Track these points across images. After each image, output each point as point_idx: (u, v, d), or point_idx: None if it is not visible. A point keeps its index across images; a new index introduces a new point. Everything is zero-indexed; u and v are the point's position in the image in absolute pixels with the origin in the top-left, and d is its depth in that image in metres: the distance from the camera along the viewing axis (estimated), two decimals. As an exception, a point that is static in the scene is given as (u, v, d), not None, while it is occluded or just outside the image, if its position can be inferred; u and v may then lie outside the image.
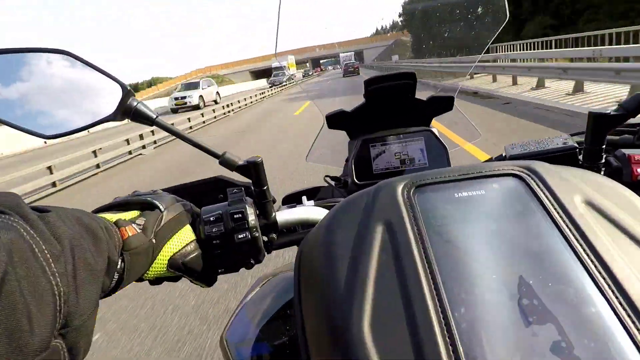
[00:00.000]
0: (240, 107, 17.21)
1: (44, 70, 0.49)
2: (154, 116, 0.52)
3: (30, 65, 0.48)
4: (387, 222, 0.37)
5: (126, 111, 0.51)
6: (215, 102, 21.25)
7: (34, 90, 0.48)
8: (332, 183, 0.93)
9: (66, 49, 0.50)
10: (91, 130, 0.55)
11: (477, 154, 4.12)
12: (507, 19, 1.02)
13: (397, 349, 0.28)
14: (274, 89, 25.96)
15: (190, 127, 11.81)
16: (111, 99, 0.50)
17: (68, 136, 0.51)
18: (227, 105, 15.81)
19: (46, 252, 0.29)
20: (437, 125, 0.92)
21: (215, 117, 14.01)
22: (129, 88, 0.51)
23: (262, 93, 22.35)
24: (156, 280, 0.49)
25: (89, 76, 0.51)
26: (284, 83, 30.71)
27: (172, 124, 0.55)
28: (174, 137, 0.55)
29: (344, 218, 0.41)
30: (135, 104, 0.51)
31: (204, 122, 12.86)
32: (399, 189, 0.40)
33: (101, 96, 0.51)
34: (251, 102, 19.00)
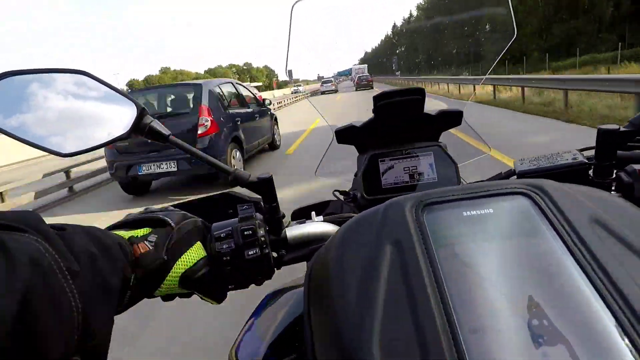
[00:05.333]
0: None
1: (62, 90, 0.51)
2: (167, 134, 0.53)
3: (48, 85, 0.50)
4: (396, 241, 0.37)
5: (141, 129, 0.52)
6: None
7: (52, 109, 0.50)
8: (341, 197, 0.93)
9: (84, 70, 0.52)
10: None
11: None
12: (515, 35, 1.03)
13: None
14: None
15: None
16: (126, 117, 0.52)
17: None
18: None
19: (65, 269, 0.29)
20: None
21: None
22: (143, 106, 0.53)
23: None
24: (167, 297, 0.49)
25: (105, 95, 0.52)
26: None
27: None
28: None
29: (354, 236, 0.41)
30: (149, 121, 0.52)
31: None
32: (408, 207, 0.40)
33: (117, 114, 0.52)
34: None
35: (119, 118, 0.52)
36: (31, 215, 0.31)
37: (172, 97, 6.10)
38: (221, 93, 6.07)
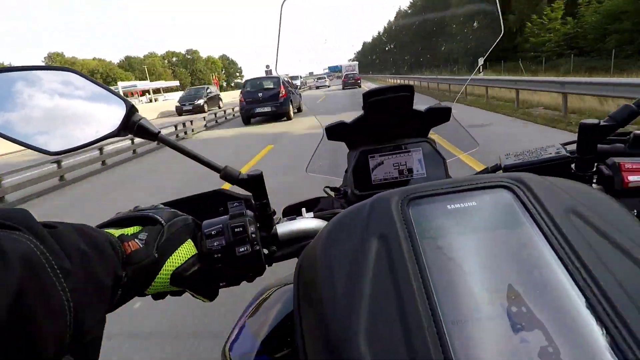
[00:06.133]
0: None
1: (49, 88, 0.50)
2: (157, 131, 0.53)
3: (35, 83, 0.49)
4: (382, 235, 0.38)
5: (130, 127, 0.52)
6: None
7: (39, 107, 0.49)
8: (332, 194, 0.94)
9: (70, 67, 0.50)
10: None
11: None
12: (502, 33, 1.04)
13: None
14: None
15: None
16: (115, 116, 0.52)
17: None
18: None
19: (57, 267, 0.29)
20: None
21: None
22: (132, 104, 0.52)
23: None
24: (159, 295, 0.49)
25: (93, 93, 0.52)
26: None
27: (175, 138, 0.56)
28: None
29: (340, 231, 0.42)
30: (138, 119, 0.52)
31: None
32: (394, 202, 0.41)
33: (105, 113, 0.52)
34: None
35: (108, 116, 0.52)
36: (22, 213, 0.31)
37: (268, 81, 13.47)
38: (285, 80, 13.05)
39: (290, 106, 13.01)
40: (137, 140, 8.77)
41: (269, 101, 12.73)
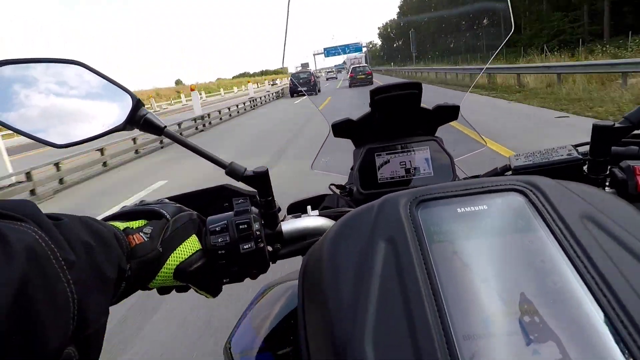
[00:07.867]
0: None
1: (56, 80, 0.50)
2: (163, 126, 0.53)
3: (42, 76, 0.49)
4: (390, 237, 0.37)
5: (136, 121, 0.52)
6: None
7: (46, 99, 0.49)
8: (337, 191, 0.93)
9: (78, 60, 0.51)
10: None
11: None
12: (513, 30, 1.02)
13: None
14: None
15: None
16: (121, 109, 0.52)
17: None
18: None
19: (61, 259, 0.29)
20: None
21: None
22: (138, 98, 0.52)
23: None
24: (163, 289, 0.49)
25: (100, 86, 0.52)
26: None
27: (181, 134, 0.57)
28: None
29: (348, 232, 0.41)
30: (144, 113, 0.52)
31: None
32: (402, 204, 0.40)
33: (112, 106, 0.52)
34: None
35: (114, 109, 0.52)
36: (28, 205, 0.31)
37: (303, 74, 22.24)
38: (313, 72, 22.22)
39: (316, 87, 21.35)
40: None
41: (304, 84, 21.30)
